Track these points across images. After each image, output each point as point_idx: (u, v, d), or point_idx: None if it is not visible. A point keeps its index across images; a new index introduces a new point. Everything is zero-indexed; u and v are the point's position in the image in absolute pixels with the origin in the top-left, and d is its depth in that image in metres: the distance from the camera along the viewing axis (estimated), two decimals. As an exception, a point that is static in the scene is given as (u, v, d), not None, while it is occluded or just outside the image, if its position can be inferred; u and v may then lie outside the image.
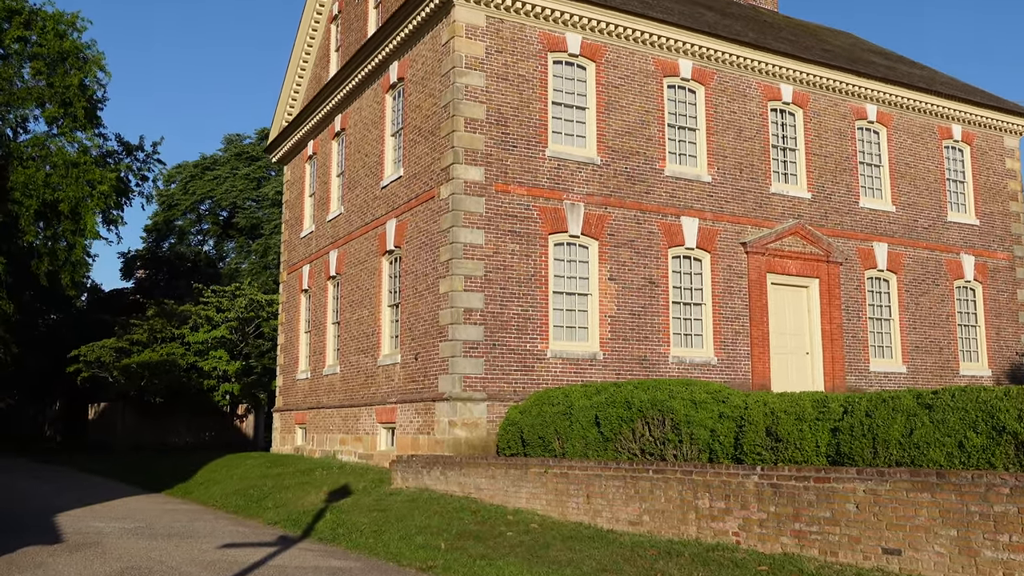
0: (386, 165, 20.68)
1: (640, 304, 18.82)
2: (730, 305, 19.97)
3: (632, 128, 19.29)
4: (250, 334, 34.27)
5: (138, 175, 29.68)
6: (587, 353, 18.05)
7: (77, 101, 25.36)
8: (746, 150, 20.73)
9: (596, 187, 18.66)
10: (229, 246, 48.16)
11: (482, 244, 17.31)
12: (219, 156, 46.20)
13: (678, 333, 19.37)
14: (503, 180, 17.68)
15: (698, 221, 19.76)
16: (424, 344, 17.90)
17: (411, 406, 18.08)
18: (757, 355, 20.05)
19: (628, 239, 18.88)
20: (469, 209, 17.27)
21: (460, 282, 16.98)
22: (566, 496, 12.11)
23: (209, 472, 20.75)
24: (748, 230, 20.46)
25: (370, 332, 20.64)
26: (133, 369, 31.55)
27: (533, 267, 17.78)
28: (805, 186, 21.54)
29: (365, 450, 20.19)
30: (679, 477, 10.57)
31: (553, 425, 13.97)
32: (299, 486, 16.49)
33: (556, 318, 18.00)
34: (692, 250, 19.72)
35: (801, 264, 21.01)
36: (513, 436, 15.38)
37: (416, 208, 18.75)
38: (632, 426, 12.46)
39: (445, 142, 17.64)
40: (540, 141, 18.18)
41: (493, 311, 17.21)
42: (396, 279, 19.87)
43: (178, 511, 15.34)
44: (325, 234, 24.13)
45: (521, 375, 17.34)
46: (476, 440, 16.67)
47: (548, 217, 18.03)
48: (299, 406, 24.88)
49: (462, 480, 14.12)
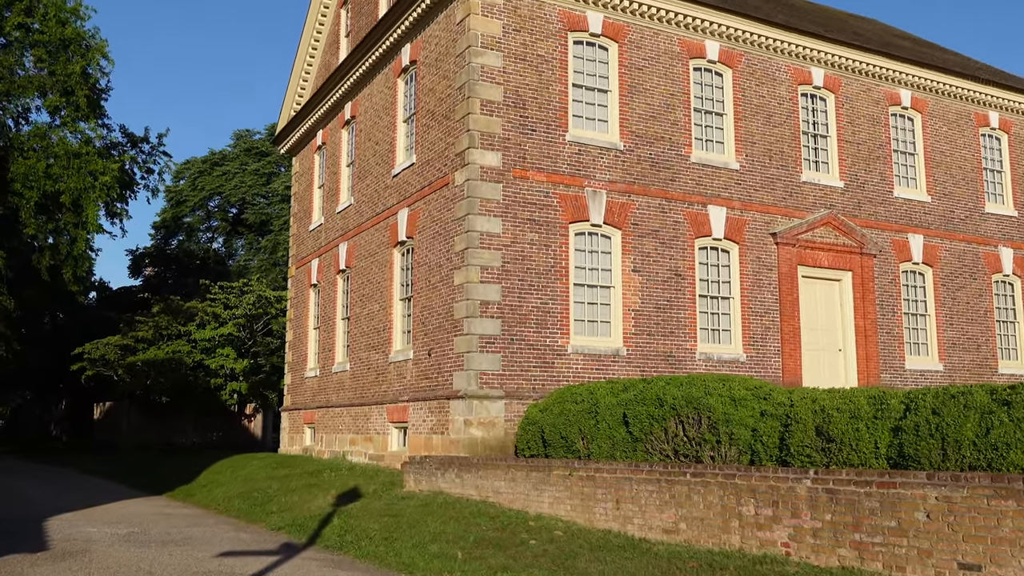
0: (398, 152, 19.76)
1: (665, 297, 17.84)
2: (759, 299, 18.96)
3: (656, 112, 18.32)
4: (258, 331, 33.41)
5: (143, 168, 28.71)
6: (610, 349, 17.08)
7: (79, 89, 24.48)
8: (775, 136, 19.72)
9: (619, 174, 17.69)
10: (238, 243, 47.39)
11: (499, 233, 16.36)
12: (228, 152, 45.43)
13: (705, 328, 18.38)
14: (521, 166, 16.73)
15: (726, 210, 18.76)
16: (438, 339, 16.98)
17: (424, 404, 17.15)
18: (788, 352, 19.03)
19: (652, 229, 17.90)
20: (485, 196, 16.33)
21: (476, 273, 16.04)
22: (593, 501, 11.16)
23: (213, 474, 19.88)
24: (778, 220, 19.44)
25: (381, 327, 19.73)
26: (138, 367, 30.72)
27: (553, 257, 16.82)
28: (837, 174, 20.51)
29: (376, 451, 19.28)
30: (720, 481, 9.60)
31: (577, 424, 13.02)
32: (306, 488, 15.59)
33: (577, 311, 17.04)
34: (719, 241, 18.72)
35: (833, 256, 19.98)
36: (533, 436, 14.43)
37: (429, 196, 17.82)
38: (664, 425, 11.49)
39: (460, 126, 16.71)
40: (560, 125, 17.22)
41: (511, 304, 16.27)
42: (408, 271, 18.95)
43: (177, 515, 14.46)
44: (335, 226, 23.24)
45: (540, 372, 16.38)
46: (493, 440, 15.72)
47: (568, 205, 17.08)
48: (308, 405, 24.00)
49: (479, 483, 13.18)
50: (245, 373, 32.51)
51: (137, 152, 28.75)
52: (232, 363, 31.79)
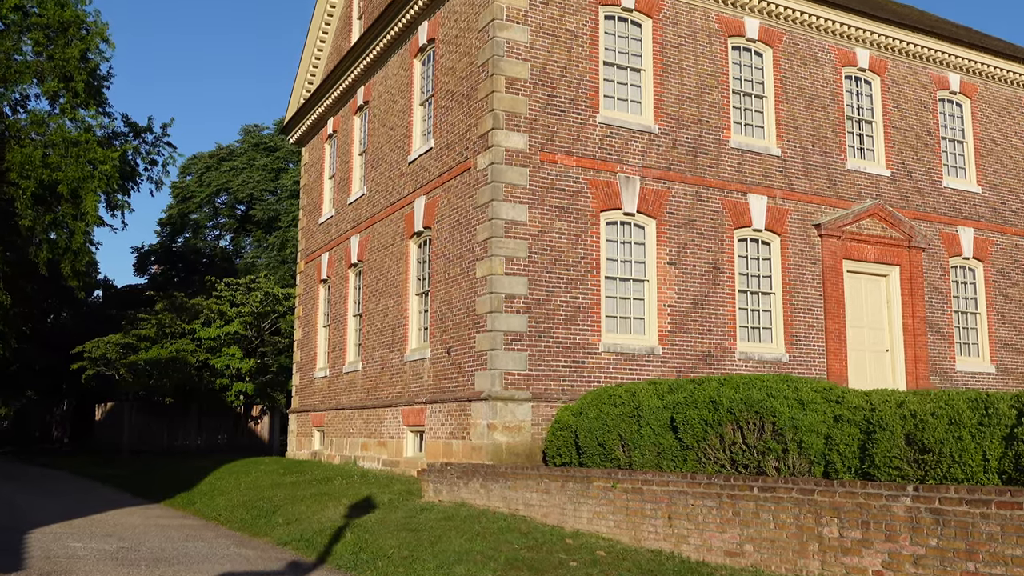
0: (414, 137, 18.50)
1: (703, 292, 16.53)
2: (802, 295, 17.63)
3: (693, 93, 17.02)
4: (265, 330, 32.14)
5: (146, 159, 27.60)
6: (644, 347, 15.77)
7: (78, 74, 23.34)
8: (819, 121, 18.39)
9: (653, 158, 16.39)
10: (246, 241, 46.16)
11: (525, 221, 15.08)
12: (236, 147, 44.24)
13: (744, 326, 17.07)
14: (549, 149, 15.45)
15: (766, 199, 17.44)
16: (458, 336, 15.70)
17: (443, 407, 15.87)
18: (833, 352, 17.68)
19: (689, 218, 16.60)
20: (511, 181, 15.05)
21: (500, 264, 14.76)
22: (640, 517, 9.85)
23: (216, 479, 18.62)
24: (822, 211, 18.11)
25: (396, 324, 18.46)
26: (140, 367, 29.49)
27: (583, 248, 15.53)
28: (883, 162, 19.17)
29: (390, 456, 18.01)
30: (796, 497, 8.28)
31: (616, 429, 11.71)
32: (315, 498, 14.32)
33: (609, 307, 15.75)
34: (760, 232, 17.40)
35: (880, 250, 18.63)
36: (565, 442, 13.13)
37: (449, 183, 16.55)
38: (720, 431, 10.18)
39: (483, 105, 15.44)
40: (591, 105, 15.94)
41: (538, 298, 14.98)
42: (425, 264, 17.68)
43: (174, 526, 13.21)
44: (346, 218, 21.99)
45: (570, 372, 15.09)
46: (519, 446, 14.43)
47: (600, 191, 15.79)
48: (317, 407, 22.75)
49: (507, 494, 11.88)
50: (251, 373, 31.24)
51: (140, 142, 27.66)
52: (238, 363, 30.53)
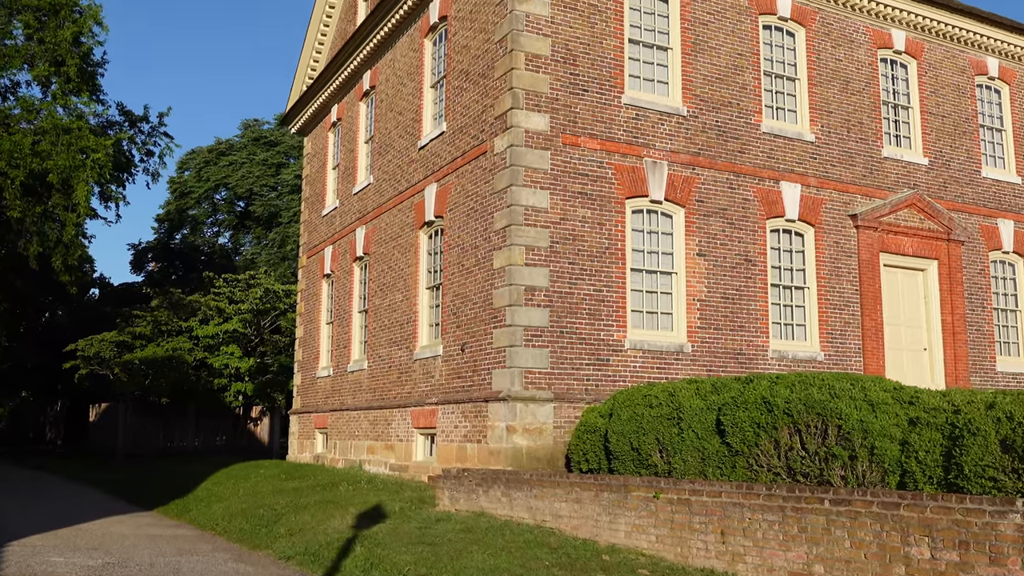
0: (425, 122, 17.43)
1: (734, 286, 15.47)
2: (838, 290, 16.57)
3: (723, 74, 15.97)
4: (265, 328, 31.05)
5: (142, 149, 26.52)
6: (672, 344, 14.71)
7: (70, 58, 22.29)
8: (854, 105, 17.34)
9: (681, 143, 15.33)
10: (245, 238, 45.04)
11: (546, 208, 14.02)
12: (235, 141, 43.15)
13: (777, 322, 16.01)
14: (571, 131, 14.40)
15: (800, 188, 16.39)
16: (473, 332, 14.64)
17: (456, 408, 14.81)
18: (870, 351, 16.62)
19: (719, 207, 15.54)
20: (531, 164, 13.99)
21: (520, 254, 13.69)
22: (688, 531, 8.78)
23: (213, 484, 17.55)
24: (857, 200, 17.06)
25: (405, 320, 17.39)
26: (135, 366, 28.40)
27: (608, 238, 14.47)
28: (920, 150, 18.12)
29: (398, 460, 16.94)
30: (877, 512, 7.22)
31: (653, 433, 10.64)
32: (320, 506, 13.25)
33: (635, 301, 14.69)
34: (793, 222, 16.34)
35: (918, 243, 17.57)
36: (592, 446, 12.06)
37: (463, 168, 15.49)
38: (775, 435, 9.11)
39: (501, 84, 14.38)
40: (615, 85, 14.89)
41: (560, 290, 13.92)
42: (437, 256, 16.62)
43: (166, 537, 12.13)
44: (351, 209, 20.92)
45: (593, 370, 14.02)
46: (540, 451, 13.36)
47: (625, 177, 14.73)
48: (319, 408, 21.67)
49: (533, 503, 10.81)
50: (251, 373, 30.16)
51: (135, 132, 26.56)
52: (237, 362, 29.44)
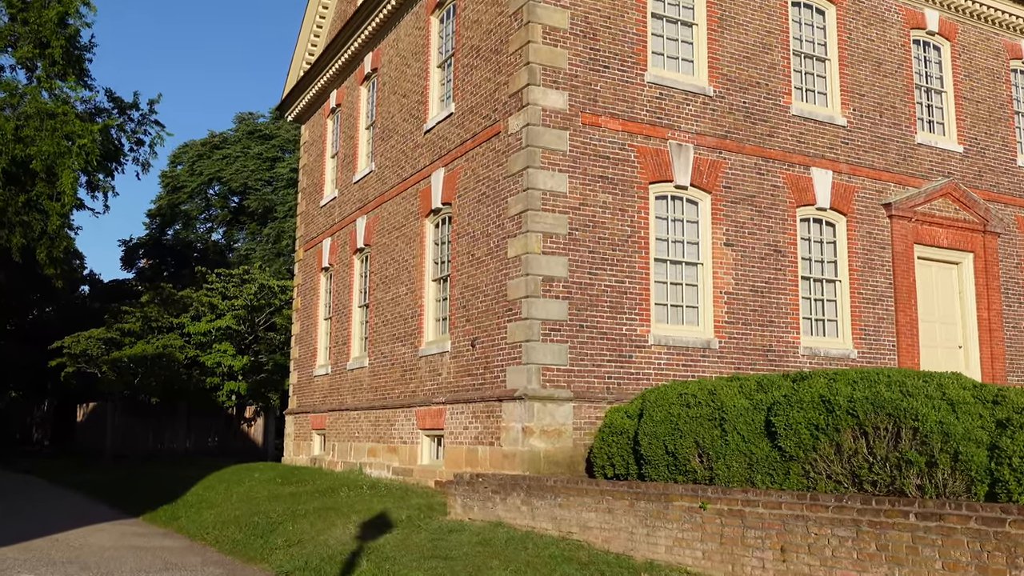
0: (431, 104, 16.40)
1: (763, 279, 14.47)
2: (871, 283, 15.59)
3: (751, 52, 14.98)
4: (260, 325, 29.94)
5: (132, 138, 25.42)
6: (699, 340, 13.70)
7: (55, 40, 21.21)
8: (886, 88, 16.37)
9: (708, 125, 14.34)
10: (239, 235, 43.90)
11: (565, 192, 13.01)
12: (229, 134, 42.05)
13: (808, 318, 15.03)
14: (591, 110, 13.39)
15: (831, 174, 15.41)
16: (485, 326, 13.61)
17: (466, 407, 13.78)
18: (905, 348, 15.64)
19: (748, 194, 14.55)
20: (549, 145, 12.97)
21: (537, 241, 12.67)
22: (740, 547, 7.76)
23: (204, 489, 16.48)
24: (891, 189, 16.09)
25: (409, 314, 16.36)
26: (124, 363, 27.30)
27: (630, 225, 13.46)
28: (955, 137, 17.15)
29: (401, 463, 15.91)
30: (975, 528, 6.21)
31: (692, 435, 9.62)
32: (319, 513, 12.20)
33: (658, 293, 13.69)
34: (824, 211, 15.36)
35: (953, 234, 16.61)
36: (619, 450, 11.04)
37: (473, 151, 14.47)
38: (836, 439, 8.10)
39: (516, 59, 13.36)
40: (638, 62, 13.88)
41: (579, 281, 12.90)
42: (444, 245, 15.58)
43: (152, 549, 11.08)
44: (351, 199, 19.88)
45: (615, 367, 13.01)
46: (559, 454, 12.34)
47: (649, 160, 13.72)
48: (317, 408, 20.61)
49: (557, 513, 9.78)
50: (244, 372, 29.07)
51: (125, 119, 25.42)
52: (230, 360, 28.35)
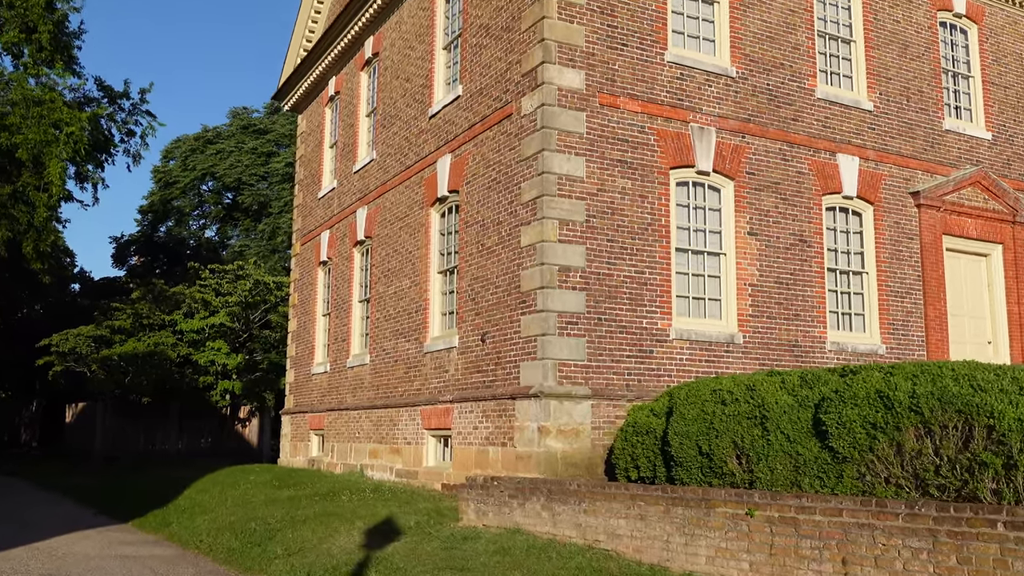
0: (436, 87, 15.62)
1: (788, 270, 13.72)
2: (899, 275, 14.86)
3: (774, 32, 14.23)
4: (255, 323, 29.10)
5: (122, 128, 24.60)
6: (722, 335, 12.95)
7: (42, 24, 20.37)
8: (913, 72, 15.64)
9: (730, 107, 13.58)
10: (234, 231, 42.99)
11: (582, 177, 12.23)
12: (223, 129, 41.18)
13: (835, 311, 14.29)
14: (609, 90, 12.62)
15: (858, 161, 14.66)
16: (496, 320, 12.83)
17: (476, 406, 12.99)
18: (934, 343, 14.91)
19: (772, 180, 13.80)
20: (564, 127, 12.20)
21: (553, 229, 11.89)
22: (794, 558, 7.00)
23: (198, 492, 15.66)
24: (918, 177, 15.36)
25: (413, 309, 15.57)
26: (114, 362, 26.44)
27: (650, 212, 12.70)
28: (983, 124, 16.44)
29: (405, 465, 15.11)
30: (1078, 539, 5.45)
31: (729, 435, 8.85)
32: (320, 519, 11.40)
33: (680, 285, 12.92)
34: (851, 200, 14.62)
35: (982, 225, 15.88)
36: (644, 450, 10.26)
37: (482, 135, 13.69)
38: (896, 438, 7.34)
39: (529, 36, 12.59)
40: (657, 40, 13.12)
41: (597, 272, 12.13)
42: (451, 236, 14.80)
43: (140, 558, 10.27)
44: (351, 189, 19.07)
45: (635, 363, 12.24)
46: (577, 455, 11.56)
47: (669, 144, 12.95)
48: (315, 407, 19.81)
49: (583, 520, 9.00)
50: (239, 370, 28.22)
51: (115, 109, 24.57)
52: (224, 358, 27.50)
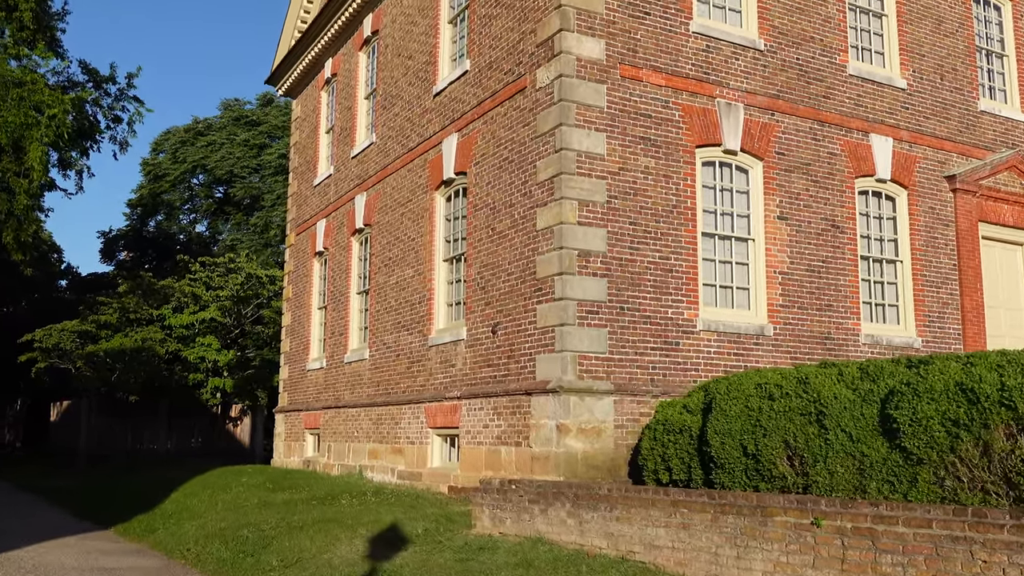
0: (441, 64, 14.66)
1: (820, 257, 12.82)
2: (934, 264, 13.97)
3: (804, 3, 13.32)
4: (247, 318, 28.06)
5: (108, 114, 23.55)
6: (751, 326, 12.03)
7: (24, 3, 19.35)
8: (947, 49, 14.76)
9: (759, 82, 12.66)
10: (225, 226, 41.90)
11: (603, 155, 11.30)
12: (215, 121, 40.12)
13: (868, 302, 13.39)
14: (631, 61, 11.69)
15: (892, 142, 13.76)
16: (508, 309, 11.88)
17: (487, 403, 12.04)
18: (971, 337, 14.02)
19: (802, 161, 12.89)
20: (584, 100, 11.26)
21: (572, 210, 10.95)
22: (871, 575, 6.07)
23: (186, 496, 14.66)
24: (953, 160, 14.47)
25: (417, 299, 14.61)
26: (100, 358, 25.41)
27: (675, 194, 11.77)
28: (1018, 105, 15.57)
29: (408, 466, 14.16)
30: None
31: (779, 433, 7.92)
32: (319, 526, 10.44)
33: (706, 272, 12.00)
34: (884, 183, 13.72)
35: (1019, 211, 15.02)
36: (678, 451, 9.32)
37: (493, 112, 12.74)
38: (984, 436, 6.43)
39: (546, 2, 11.64)
40: (682, 9, 12.20)
41: (619, 257, 11.20)
42: (458, 221, 13.85)
43: (121, 570, 9.30)
44: (348, 175, 18.10)
45: (661, 356, 11.31)
46: (599, 456, 10.63)
47: (695, 121, 12.03)
48: (310, 405, 18.83)
49: (614, 528, 8.05)
50: (230, 367, 27.20)
51: (101, 94, 23.51)
52: (214, 355, 26.49)
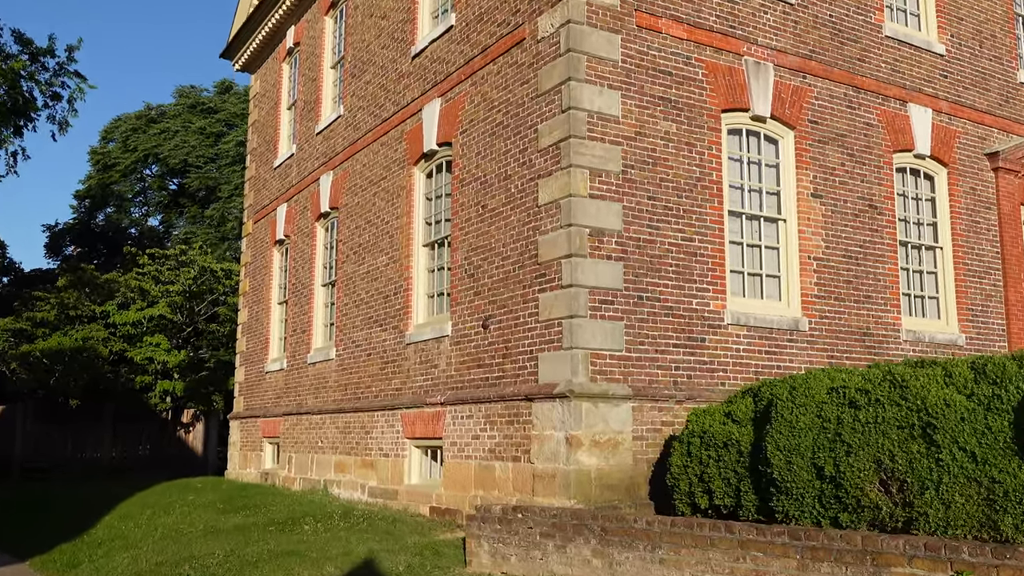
0: (421, 21, 12.84)
1: (857, 241, 11.20)
2: (976, 252, 12.44)
3: (836, -47, 11.73)
4: (200, 315, 25.92)
5: (46, 91, 21.29)
6: (784, 319, 10.37)
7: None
8: (985, 14, 13.26)
9: (789, 40, 11.03)
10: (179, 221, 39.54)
11: (617, 116, 9.56)
12: (168, 108, 37.81)
13: (907, 293, 11.82)
14: (648, 9, 9.98)
15: (931, 113, 12.21)
16: (503, 300, 10.10)
17: (477, 410, 10.24)
18: (1016, 333, 12.53)
19: (837, 132, 11.27)
20: (595, 52, 9.52)
21: (583, 180, 9.20)
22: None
23: (121, 518, 12.61)
24: (993, 135, 12.97)
25: (391, 291, 12.76)
26: (36, 359, 23.17)
27: (698, 165, 10.08)
28: (1058, 78, 14.14)
29: (380, 482, 12.30)
30: None
31: (868, 449, 6.22)
32: (277, 561, 8.55)
33: (733, 257, 10.32)
34: (923, 159, 12.16)
35: (1061, 194, 13.56)
36: (723, 470, 7.58)
37: (483, 71, 10.95)
38: None
39: (548, -63, 9.90)
40: (705, -49, 10.52)
41: (637, 237, 9.47)
42: (441, 199, 12.03)
43: (24, 625, 7.36)
44: (313, 154, 16.19)
45: (685, 354, 9.60)
46: (616, 474, 8.87)
47: (720, 80, 10.35)
48: (269, 411, 16.87)
49: (658, 572, 6.30)
50: (181, 369, 25.03)
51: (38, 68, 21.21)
52: (164, 355, 24.33)
